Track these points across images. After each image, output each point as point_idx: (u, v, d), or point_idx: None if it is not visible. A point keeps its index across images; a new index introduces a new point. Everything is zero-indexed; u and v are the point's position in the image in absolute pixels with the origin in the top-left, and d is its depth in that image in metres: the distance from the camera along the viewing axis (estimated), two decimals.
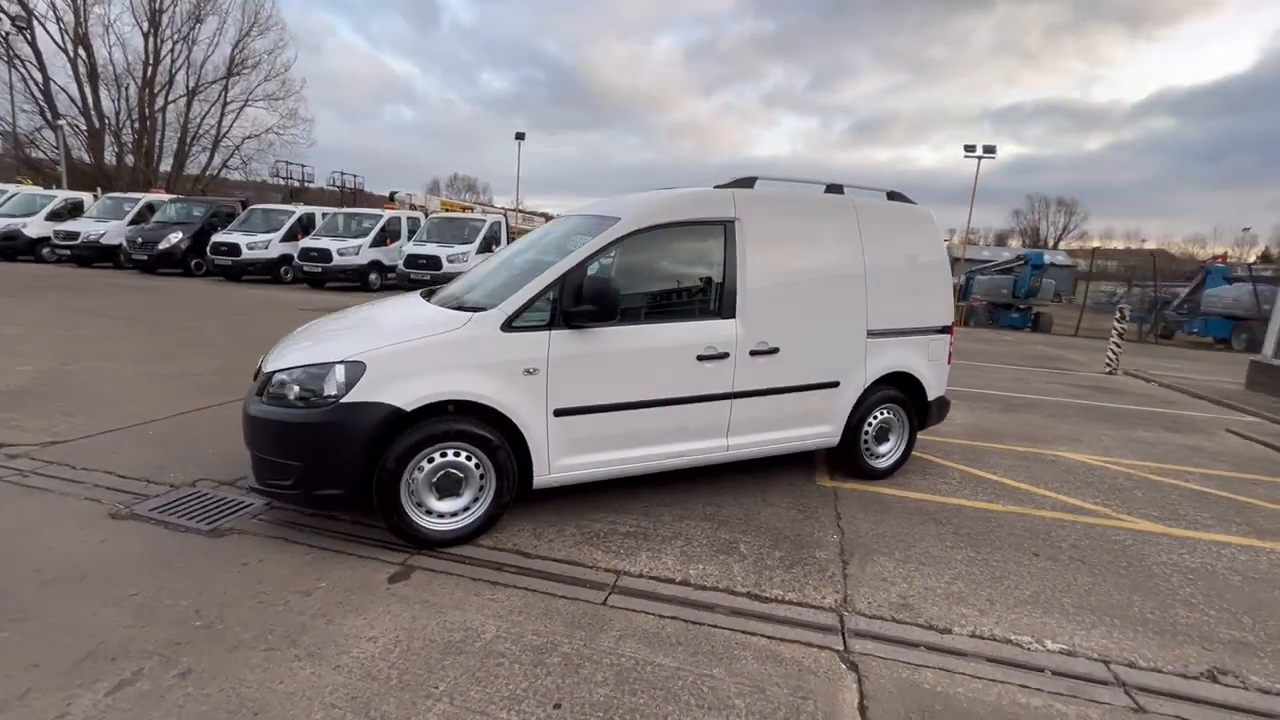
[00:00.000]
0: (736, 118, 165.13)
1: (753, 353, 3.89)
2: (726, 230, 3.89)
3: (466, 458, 3.24)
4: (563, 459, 3.48)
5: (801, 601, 2.99)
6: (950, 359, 4.94)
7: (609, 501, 3.92)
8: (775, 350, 3.96)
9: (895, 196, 4.79)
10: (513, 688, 2.28)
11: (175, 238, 16.95)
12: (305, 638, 2.48)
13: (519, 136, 37.15)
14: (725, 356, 3.80)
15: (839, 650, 2.63)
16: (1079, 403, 8.37)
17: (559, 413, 3.40)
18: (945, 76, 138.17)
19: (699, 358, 3.74)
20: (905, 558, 3.48)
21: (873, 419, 4.53)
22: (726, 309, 3.85)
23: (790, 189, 4.44)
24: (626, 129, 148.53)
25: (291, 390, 3.13)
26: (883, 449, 4.68)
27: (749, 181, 4.12)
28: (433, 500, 3.23)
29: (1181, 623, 3.02)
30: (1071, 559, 3.61)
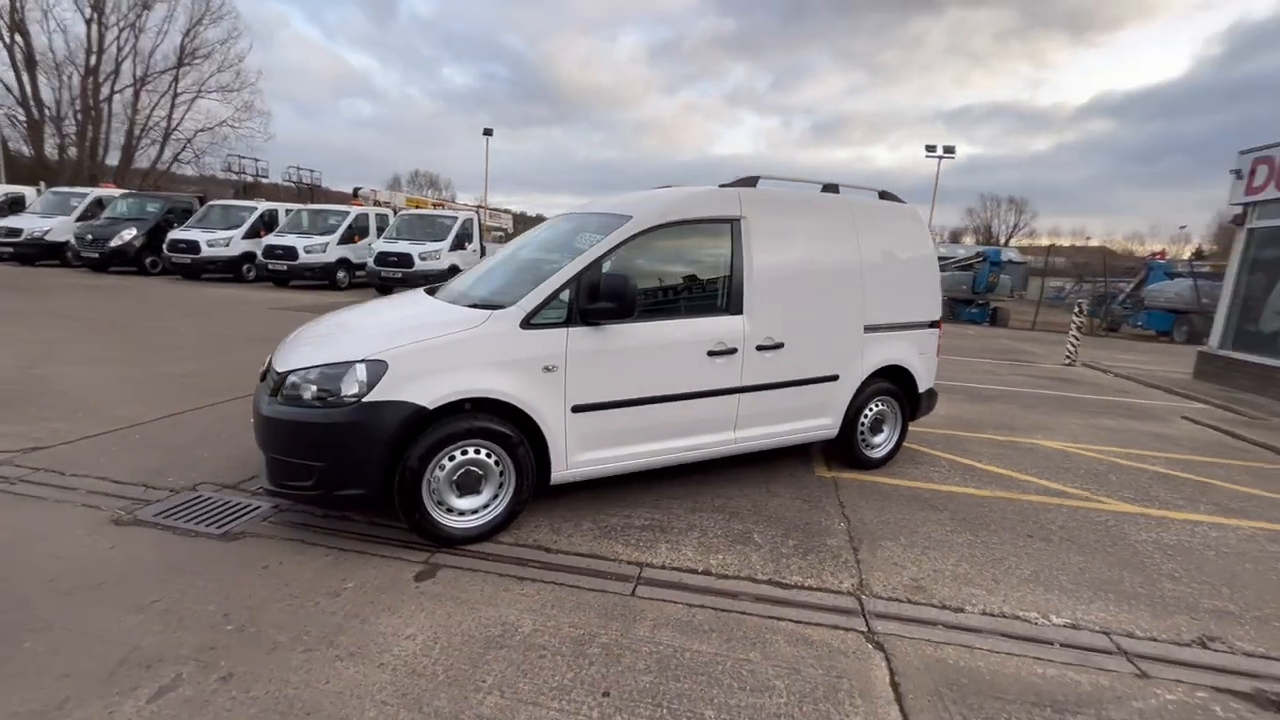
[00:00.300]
0: (700, 116, 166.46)
1: (759, 348, 3.99)
2: (733, 228, 3.98)
3: (487, 455, 3.25)
4: (579, 455, 3.51)
5: (821, 587, 3.10)
6: (938, 352, 5.15)
7: (620, 496, 3.97)
8: (780, 345, 4.07)
9: (886, 196, 4.96)
10: (559, 678, 2.32)
11: (128, 234, 16.22)
12: (343, 638, 2.46)
13: (487, 133, 36.74)
14: (734, 352, 3.89)
15: (863, 631, 2.75)
16: (1045, 393, 8.76)
17: (577, 409, 3.44)
18: (900, 78, 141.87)
19: (709, 353, 3.81)
20: (911, 543, 3.63)
21: (869, 411, 4.69)
22: (734, 305, 3.94)
23: (788, 188, 4.55)
24: (590, 126, 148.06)
25: (308, 390, 3.09)
26: (877, 439, 4.85)
27: (752, 181, 4.22)
28: (453, 498, 3.23)
29: (1169, 595, 3.24)
30: (1062, 539, 3.82)
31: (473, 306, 3.54)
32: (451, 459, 3.18)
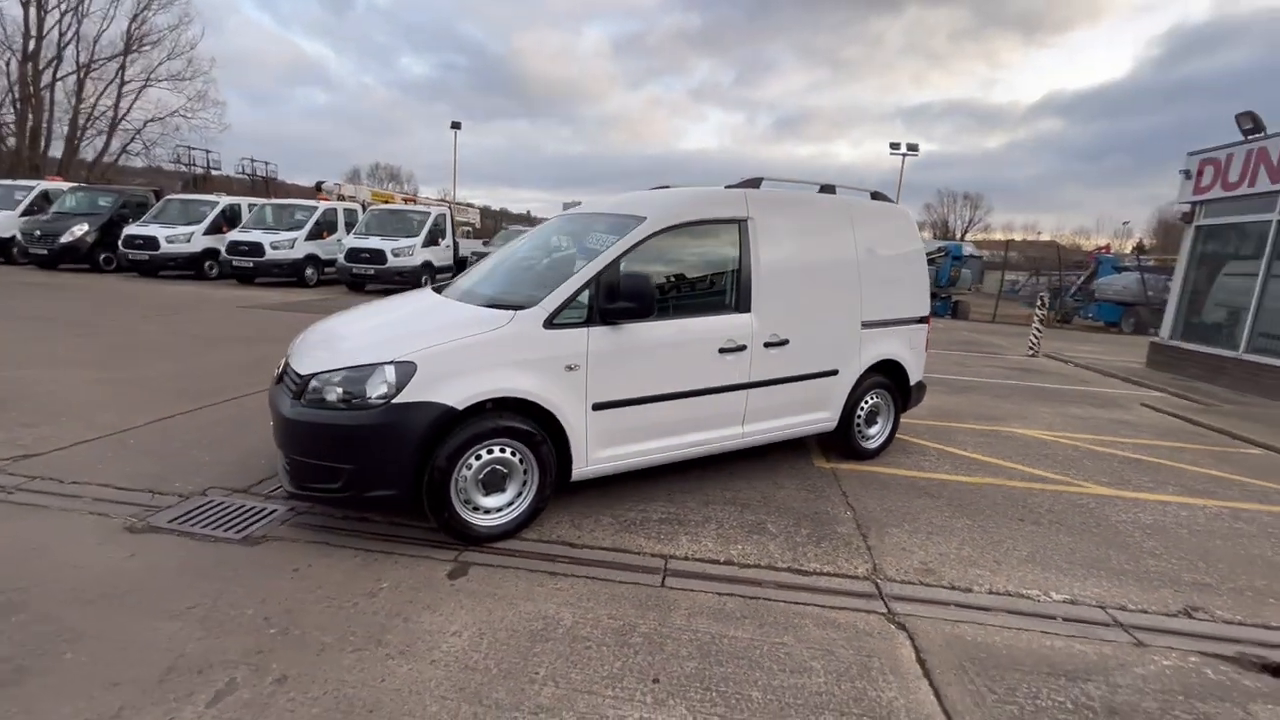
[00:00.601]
0: (665, 111, 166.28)
1: (766, 344, 4.12)
2: (741, 228, 4.09)
3: (511, 454, 3.29)
4: (600, 451, 3.58)
5: (838, 572, 3.25)
6: (927, 346, 5.37)
7: (633, 491, 4.06)
8: (785, 342, 4.21)
9: (878, 196, 5.14)
10: (608, 668, 2.40)
11: (80, 230, 15.46)
12: (389, 636, 2.49)
13: (455, 126, 36.07)
14: (743, 349, 4.01)
15: (884, 613, 2.90)
16: (1015, 383, 9.17)
17: (597, 406, 3.50)
18: (861, 75, 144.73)
19: (720, 350, 3.92)
20: (914, 529, 3.82)
21: (865, 404, 4.88)
22: (743, 303, 4.06)
23: (787, 189, 4.69)
24: (556, 120, 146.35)
25: (333, 392, 3.08)
26: (872, 431, 5.04)
27: (756, 182, 4.34)
28: (480, 497, 3.26)
29: (1153, 571, 3.50)
30: (1051, 522, 4.06)
31: (493, 306, 3.56)
32: (478, 458, 3.21)
